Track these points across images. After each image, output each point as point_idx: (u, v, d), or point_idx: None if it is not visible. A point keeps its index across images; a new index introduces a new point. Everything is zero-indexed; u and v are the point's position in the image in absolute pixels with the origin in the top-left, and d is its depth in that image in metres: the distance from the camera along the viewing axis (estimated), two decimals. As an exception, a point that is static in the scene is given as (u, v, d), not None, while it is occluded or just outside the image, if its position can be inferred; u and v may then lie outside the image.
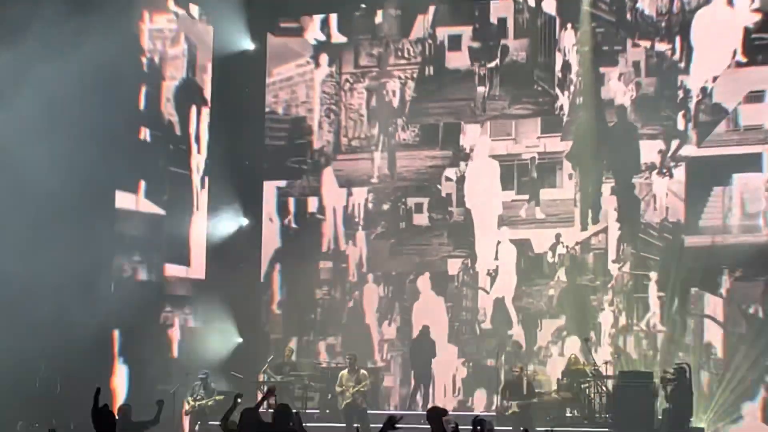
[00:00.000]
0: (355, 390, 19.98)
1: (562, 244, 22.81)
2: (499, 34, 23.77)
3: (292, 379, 21.21)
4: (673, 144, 22.21)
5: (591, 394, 19.75)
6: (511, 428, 18.59)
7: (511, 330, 22.91)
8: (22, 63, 17.75)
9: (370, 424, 18.63)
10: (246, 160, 24.55)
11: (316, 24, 25.15)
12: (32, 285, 17.26)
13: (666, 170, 22.21)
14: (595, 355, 20.80)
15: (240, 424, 11.39)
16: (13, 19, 18.00)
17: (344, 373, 20.31)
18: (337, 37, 25.04)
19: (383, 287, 24.13)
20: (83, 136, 18.41)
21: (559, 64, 23.23)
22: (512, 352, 21.74)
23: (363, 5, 24.59)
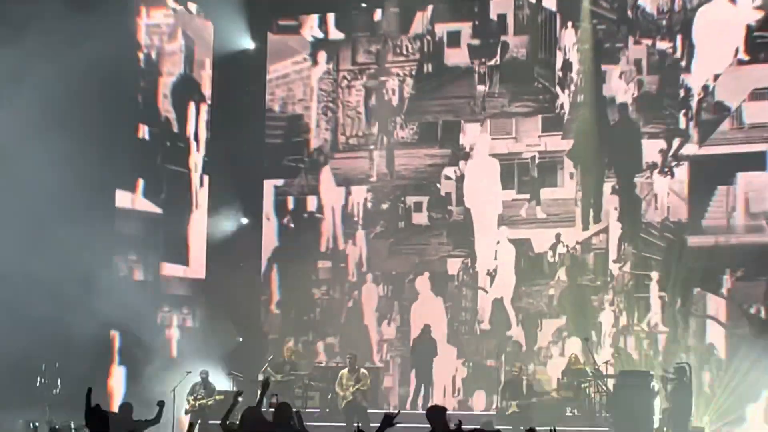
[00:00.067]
0: (356, 389, 20.11)
1: (563, 243, 22.85)
2: (498, 31, 23.77)
3: (292, 378, 21.24)
4: (675, 143, 22.23)
5: (591, 393, 19.79)
6: (511, 428, 18.64)
7: (511, 330, 22.95)
8: (21, 61, 17.84)
9: (371, 423, 18.67)
10: (246, 158, 24.55)
11: (314, 21, 25.15)
12: (32, 284, 17.35)
13: (667, 169, 22.25)
14: (596, 354, 20.83)
15: (241, 422, 11.39)
16: (13, 18, 18.13)
17: (344, 373, 20.40)
18: (334, 33, 25.05)
19: (383, 287, 24.14)
20: (82, 134, 18.52)
21: (560, 63, 23.21)
22: (512, 353, 21.94)
23: (364, 4, 24.64)
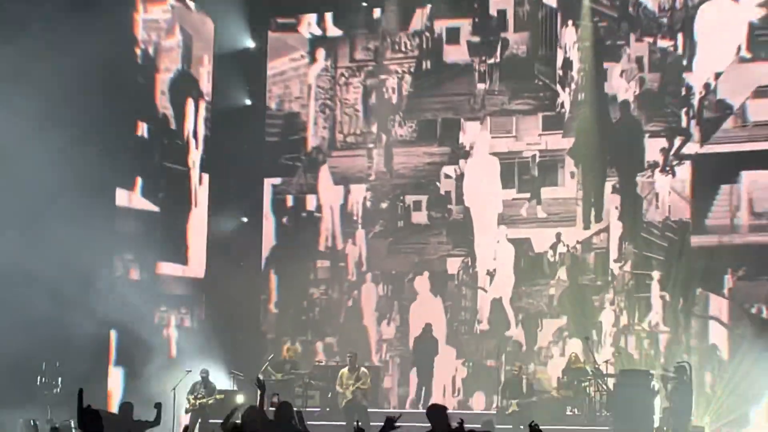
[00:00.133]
0: (356, 387, 20.37)
1: (563, 243, 22.96)
2: (498, 27, 23.83)
3: (292, 377, 21.47)
4: (677, 141, 22.31)
5: (591, 392, 19.92)
6: (511, 427, 18.92)
7: (511, 330, 23.07)
8: (20, 60, 18.05)
9: (371, 422, 18.74)
10: (246, 157, 24.68)
11: (312, 18, 25.23)
12: (32, 283, 17.55)
13: (669, 168, 22.34)
14: (596, 354, 20.96)
15: (243, 422, 11.53)
16: (12, 17, 18.35)
17: (344, 371, 20.64)
18: (332, 30, 25.14)
19: (382, 286, 24.24)
20: (81, 132, 18.79)
21: (561, 62, 23.28)
22: (512, 353, 22.15)
23: (364, 3, 24.73)
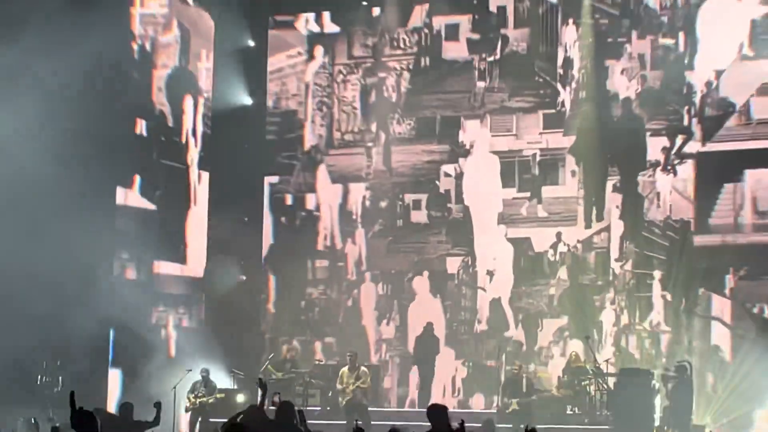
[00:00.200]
0: (356, 387, 20.63)
1: (563, 242, 23.11)
2: (498, 24, 23.97)
3: (293, 376, 21.70)
4: (678, 140, 22.43)
5: (591, 391, 20.12)
6: (512, 426, 19.09)
7: (511, 330, 23.24)
8: (19, 58, 18.24)
9: (371, 421, 19.20)
10: (246, 155, 24.84)
11: (310, 15, 25.36)
12: (32, 281, 17.71)
13: (670, 167, 22.48)
14: (597, 353, 21.06)
15: (245, 420, 11.80)
16: (11, 16, 18.53)
17: (345, 371, 20.89)
18: (330, 27, 25.26)
19: (381, 286, 24.38)
20: (80, 130, 19.00)
21: (561, 60, 23.41)
22: (513, 353, 22.35)
23: (364, 2, 24.87)
